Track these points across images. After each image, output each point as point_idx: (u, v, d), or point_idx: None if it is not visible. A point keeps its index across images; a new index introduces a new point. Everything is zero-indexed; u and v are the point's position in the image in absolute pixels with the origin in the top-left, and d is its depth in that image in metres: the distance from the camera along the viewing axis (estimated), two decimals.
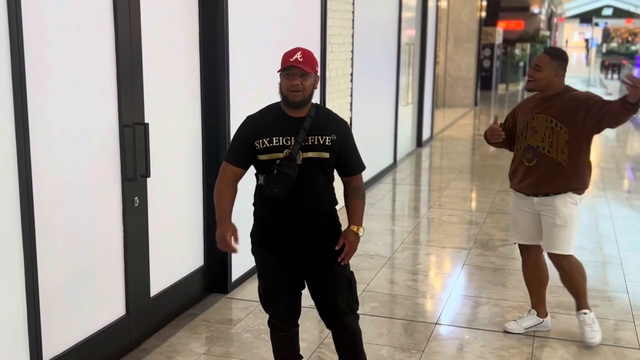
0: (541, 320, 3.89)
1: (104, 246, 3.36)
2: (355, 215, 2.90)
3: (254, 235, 2.97)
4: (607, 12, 60.74)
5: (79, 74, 3.08)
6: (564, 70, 3.65)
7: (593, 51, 43.84)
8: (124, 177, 3.42)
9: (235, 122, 4.27)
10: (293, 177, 2.73)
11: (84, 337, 3.24)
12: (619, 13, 61.08)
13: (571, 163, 3.55)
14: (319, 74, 2.87)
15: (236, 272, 4.51)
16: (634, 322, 4.03)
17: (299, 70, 2.69)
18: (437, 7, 10.64)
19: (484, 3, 15.59)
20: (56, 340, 3.03)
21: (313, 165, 2.79)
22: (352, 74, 6.55)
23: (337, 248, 2.84)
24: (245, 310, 4.16)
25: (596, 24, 54.01)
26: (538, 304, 3.91)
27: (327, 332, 3.39)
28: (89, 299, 3.26)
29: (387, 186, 7.75)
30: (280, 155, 2.76)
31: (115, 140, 3.36)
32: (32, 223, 2.79)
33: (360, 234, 2.88)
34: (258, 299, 4.05)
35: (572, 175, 3.57)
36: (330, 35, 5.85)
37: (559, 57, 3.64)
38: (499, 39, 19.64)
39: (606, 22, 59.08)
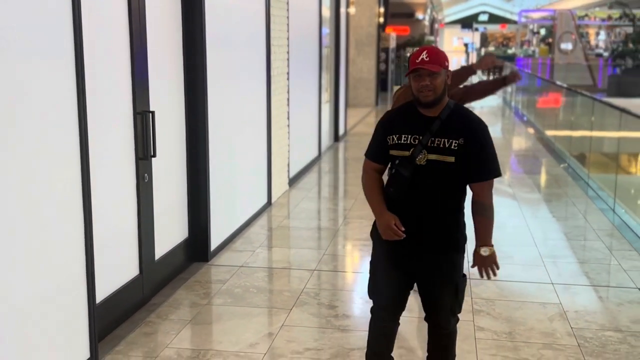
0: None
1: (124, 215, 3.96)
2: (481, 235, 2.84)
3: (374, 226, 3.01)
4: (484, 17, 64.65)
5: (110, 68, 3.70)
6: None
7: (473, 55, 46.75)
8: (137, 156, 4.04)
9: (212, 111, 4.97)
10: (407, 177, 2.76)
11: (113, 290, 3.84)
12: (494, 19, 65.17)
13: None
14: (450, 68, 2.83)
15: (214, 243, 5.18)
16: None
17: (426, 70, 2.71)
18: (347, 14, 11.60)
19: (382, 9, 16.78)
20: (102, 286, 3.61)
21: (437, 169, 2.75)
22: (288, 73, 7.33)
23: (471, 267, 2.90)
24: (229, 273, 4.84)
25: (476, 29, 57.46)
26: None
27: None
28: (114, 259, 3.86)
29: (317, 175, 8.58)
30: (407, 153, 2.79)
31: (130, 125, 3.98)
32: (88, 198, 3.37)
33: (485, 254, 2.83)
34: (238, 264, 4.80)
35: None
36: (273, 38, 6.61)
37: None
38: (392, 44, 20.98)
39: (485, 28, 62.95)
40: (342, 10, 10.96)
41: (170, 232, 4.70)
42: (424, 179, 2.76)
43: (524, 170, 9.38)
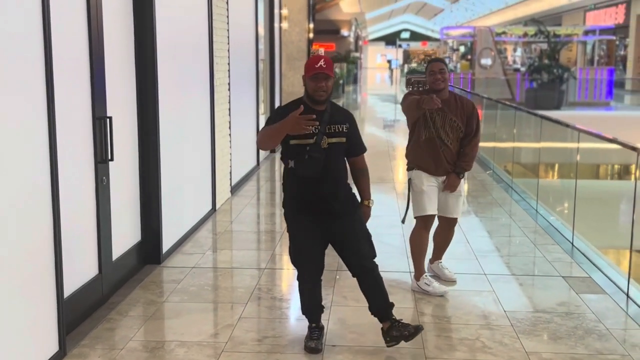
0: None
1: (85, 216, 4.11)
2: (365, 191, 3.77)
3: (288, 205, 3.67)
4: (405, 35, 66.58)
5: (71, 76, 3.86)
6: None
7: (397, 71, 47.99)
8: (96, 160, 4.20)
9: (162, 118, 5.16)
10: (321, 159, 3.44)
11: (75, 288, 3.97)
12: (415, 36, 67.18)
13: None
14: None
15: (166, 246, 5.34)
16: (477, 259, 5.47)
17: (324, 74, 3.41)
18: (280, 29, 11.93)
19: (312, 25, 17.21)
20: (66, 284, 3.74)
21: (336, 149, 3.53)
22: (229, 84, 7.56)
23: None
24: (182, 274, 5.01)
25: (399, 46, 59.00)
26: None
27: None
28: (76, 259, 3.99)
29: (256, 183, 8.81)
30: (310, 141, 3.43)
31: (90, 129, 4.14)
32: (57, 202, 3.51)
33: (371, 205, 3.77)
34: (189, 265, 4.99)
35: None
36: (215, 50, 6.84)
37: (447, 64, 4.87)
38: None
39: (408, 44, 64.72)
40: (276, 25, 11.27)
41: (126, 234, 4.84)
42: (329, 157, 3.48)
43: None
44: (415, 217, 4.76)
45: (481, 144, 5.10)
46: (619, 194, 9.04)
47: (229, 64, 7.54)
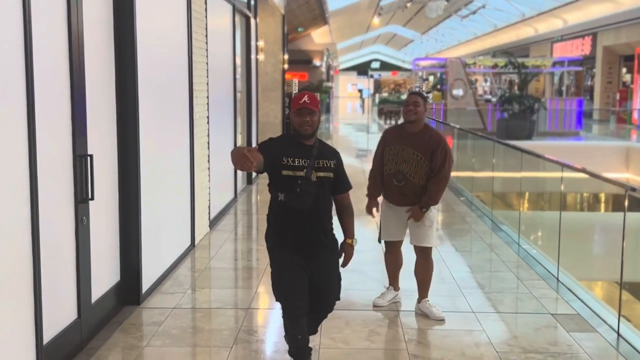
0: (397, 293, 5.12)
1: (64, 258, 3.94)
2: (349, 230, 3.78)
3: (271, 238, 3.69)
4: (376, 65, 67.34)
5: (52, 113, 3.73)
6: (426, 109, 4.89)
7: (368, 100, 48.34)
8: (77, 199, 4.04)
9: (143, 155, 5.03)
10: (313, 192, 3.49)
11: (53, 335, 3.79)
12: (385, 66, 67.99)
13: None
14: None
15: (145, 285, 5.16)
16: (463, 296, 5.39)
17: (308, 109, 3.49)
18: (257, 60, 11.89)
19: (286, 56, 17.22)
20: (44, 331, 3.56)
21: (324, 183, 3.58)
22: (208, 117, 7.46)
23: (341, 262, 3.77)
24: (163, 315, 4.84)
25: (371, 76, 59.56)
26: (394, 282, 5.12)
27: None
28: (55, 303, 3.82)
29: (234, 217, 8.66)
30: (300, 173, 3.49)
31: (70, 168, 3.99)
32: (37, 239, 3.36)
33: (354, 244, 3.75)
34: (170, 306, 4.85)
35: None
36: (195, 83, 6.74)
37: (425, 99, 4.93)
38: (295, 89, 21.46)
39: (380, 74, 65.41)
40: (253, 57, 11.23)
41: (105, 275, 4.67)
42: (317, 192, 3.51)
43: None
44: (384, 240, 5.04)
45: (457, 174, 5.16)
46: (598, 225, 9.12)
47: (207, 97, 7.44)
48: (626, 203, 4.63)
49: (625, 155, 17.84)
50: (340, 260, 3.80)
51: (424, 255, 4.96)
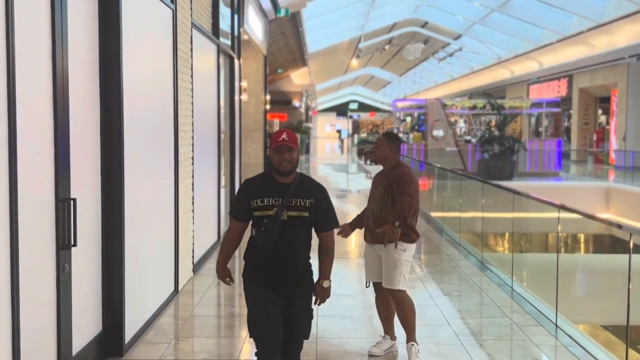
0: (393, 342, 4.91)
1: (44, 309, 3.69)
2: (324, 271, 3.68)
3: (247, 274, 3.67)
4: (354, 106, 67.86)
5: (34, 154, 3.52)
6: (397, 147, 4.85)
7: (347, 140, 48.51)
8: (58, 245, 3.81)
9: (127, 199, 4.82)
10: (276, 232, 3.47)
11: None
12: (363, 107, 68.55)
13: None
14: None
15: (128, 335, 4.89)
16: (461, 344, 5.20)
17: (287, 147, 3.49)
18: (240, 101, 11.77)
19: (268, 97, 17.17)
20: None
21: (296, 223, 3.52)
22: (193, 158, 7.27)
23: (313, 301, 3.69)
24: None
25: (350, 117, 59.97)
26: (389, 330, 4.92)
27: None
28: (34, 357, 3.56)
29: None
30: (270, 212, 3.50)
31: (52, 212, 3.77)
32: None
33: (326, 285, 3.65)
34: (155, 358, 4.61)
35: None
36: (180, 124, 6.57)
37: (393, 138, 4.90)
38: (276, 129, 21.41)
39: (359, 115, 65.93)
40: (236, 97, 11.11)
41: (86, 325, 4.41)
42: (287, 231, 3.48)
43: (420, 250, 9.70)
44: None
45: (444, 214, 5.08)
46: (592, 267, 9.01)
47: (192, 137, 7.27)
48: (631, 245, 4.52)
49: (605, 195, 17.94)
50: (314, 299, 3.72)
51: (394, 298, 4.83)
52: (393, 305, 4.91)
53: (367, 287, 5.07)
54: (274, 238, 3.48)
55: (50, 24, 3.69)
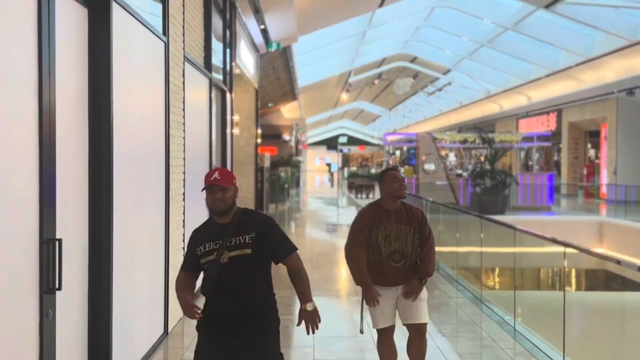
0: None
1: (24, 359, 3.43)
2: (302, 296, 3.42)
3: (198, 325, 3.50)
4: (343, 139, 68.00)
5: (17, 192, 3.30)
6: None
7: (337, 174, 48.42)
8: (42, 290, 3.57)
9: (116, 239, 4.59)
10: (214, 277, 3.31)
11: None
12: (353, 141, 68.69)
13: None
14: (237, 185, 3.52)
15: None
16: None
17: (219, 186, 3.34)
18: (232, 134, 11.61)
19: (259, 131, 17.03)
20: None
21: (240, 262, 3.32)
22: (184, 194, 7.05)
23: (297, 325, 3.41)
24: None
25: (340, 150, 60.06)
26: None
27: None
28: None
29: None
30: (212, 257, 3.34)
31: (36, 254, 3.53)
32: None
33: (309, 308, 3.37)
34: None
35: None
36: (172, 158, 6.37)
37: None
38: (267, 163, 21.23)
39: (349, 149, 66.05)
40: (228, 130, 10.95)
41: None
42: (231, 273, 3.29)
43: None
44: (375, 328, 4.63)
45: (439, 249, 4.94)
46: (595, 305, 8.80)
47: (184, 172, 7.06)
48: None
49: (598, 229, 17.82)
50: (303, 326, 3.44)
51: (419, 334, 4.58)
52: (396, 348, 4.68)
53: (361, 333, 4.82)
54: (213, 284, 3.32)
55: (37, 58, 3.49)
